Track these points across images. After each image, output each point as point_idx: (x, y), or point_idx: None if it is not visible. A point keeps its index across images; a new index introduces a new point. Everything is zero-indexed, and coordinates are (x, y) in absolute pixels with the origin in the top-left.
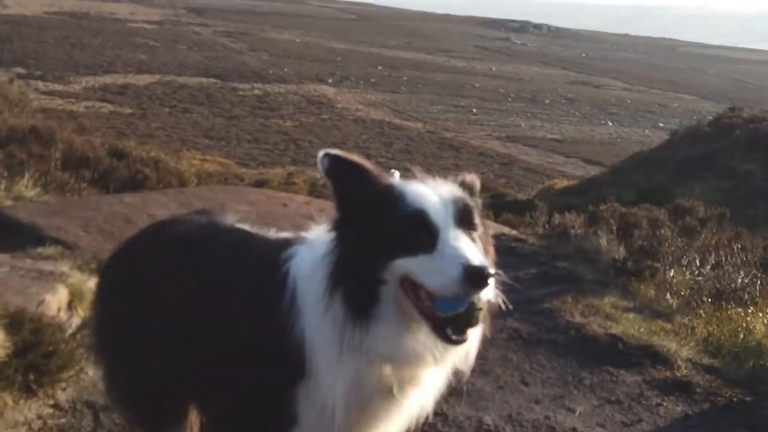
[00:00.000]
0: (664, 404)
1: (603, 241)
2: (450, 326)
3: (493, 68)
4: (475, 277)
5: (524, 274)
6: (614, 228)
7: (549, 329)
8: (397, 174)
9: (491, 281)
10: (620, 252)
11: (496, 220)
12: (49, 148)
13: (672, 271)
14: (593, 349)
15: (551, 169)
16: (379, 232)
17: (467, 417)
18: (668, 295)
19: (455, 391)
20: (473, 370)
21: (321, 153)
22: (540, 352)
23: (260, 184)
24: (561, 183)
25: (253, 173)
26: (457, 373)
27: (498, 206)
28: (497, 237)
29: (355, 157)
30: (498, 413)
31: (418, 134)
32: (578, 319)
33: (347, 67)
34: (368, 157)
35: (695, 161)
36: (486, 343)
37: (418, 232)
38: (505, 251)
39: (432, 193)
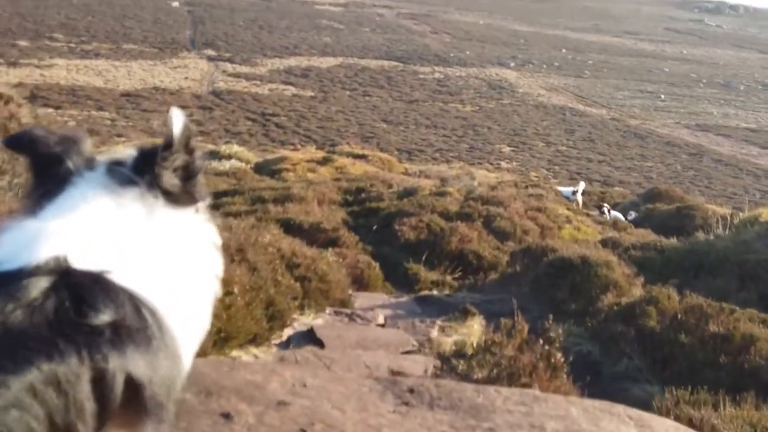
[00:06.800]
0: None
1: None
2: None
3: (684, 51)
4: None
5: None
6: None
7: None
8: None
9: None
10: None
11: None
12: None
13: None
14: None
15: (745, 161)
16: None
17: None
18: None
19: None
20: None
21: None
22: None
23: (408, 193)
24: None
25: (414, 170)
26: None
27: (676, 261)
28: None
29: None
30: None
31: (602, 121)
32: None
33: (530, 50)
34: (548, 144)
35: None
36: None
37: None
38: None
39: None
